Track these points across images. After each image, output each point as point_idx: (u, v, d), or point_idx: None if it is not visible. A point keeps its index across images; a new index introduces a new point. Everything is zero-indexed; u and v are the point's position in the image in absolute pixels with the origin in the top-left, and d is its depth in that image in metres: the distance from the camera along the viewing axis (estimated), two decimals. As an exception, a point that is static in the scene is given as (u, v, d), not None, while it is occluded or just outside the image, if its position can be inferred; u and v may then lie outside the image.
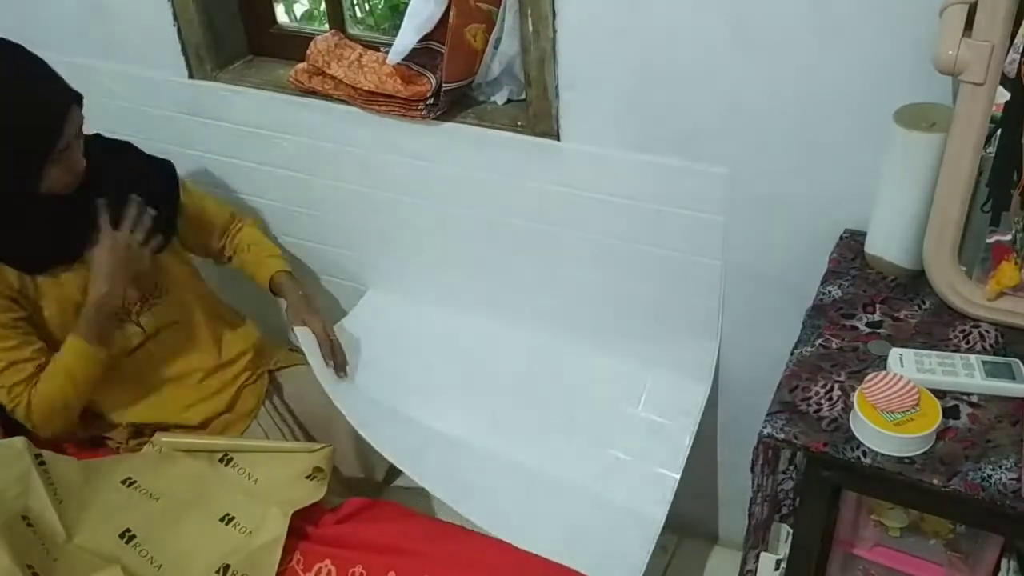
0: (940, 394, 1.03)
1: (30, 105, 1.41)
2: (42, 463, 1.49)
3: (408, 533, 1.56)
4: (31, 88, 1.43)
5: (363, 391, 1.81)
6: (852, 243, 1.32)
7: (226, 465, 1.60)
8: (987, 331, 1.14)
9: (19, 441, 1.48)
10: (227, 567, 1.46)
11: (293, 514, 1.52)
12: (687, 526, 1.91)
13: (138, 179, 1.63)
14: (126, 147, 1.71)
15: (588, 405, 1.83)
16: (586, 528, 1.62)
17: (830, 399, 1.06)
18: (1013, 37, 1.00)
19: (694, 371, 1.65)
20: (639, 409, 1.76)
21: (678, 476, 1.60)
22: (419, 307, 1.92)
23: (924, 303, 1.19)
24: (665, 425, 1.75)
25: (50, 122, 1.42)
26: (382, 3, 2.39)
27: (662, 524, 1.54)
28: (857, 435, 1.00)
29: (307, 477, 1.57)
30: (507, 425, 1.90)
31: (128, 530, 1.47)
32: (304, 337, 1.72)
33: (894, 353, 1.09)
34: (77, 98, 1.47)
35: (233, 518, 1.51)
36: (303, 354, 1.73)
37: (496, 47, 1.56)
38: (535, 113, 1.51)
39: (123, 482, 1.55)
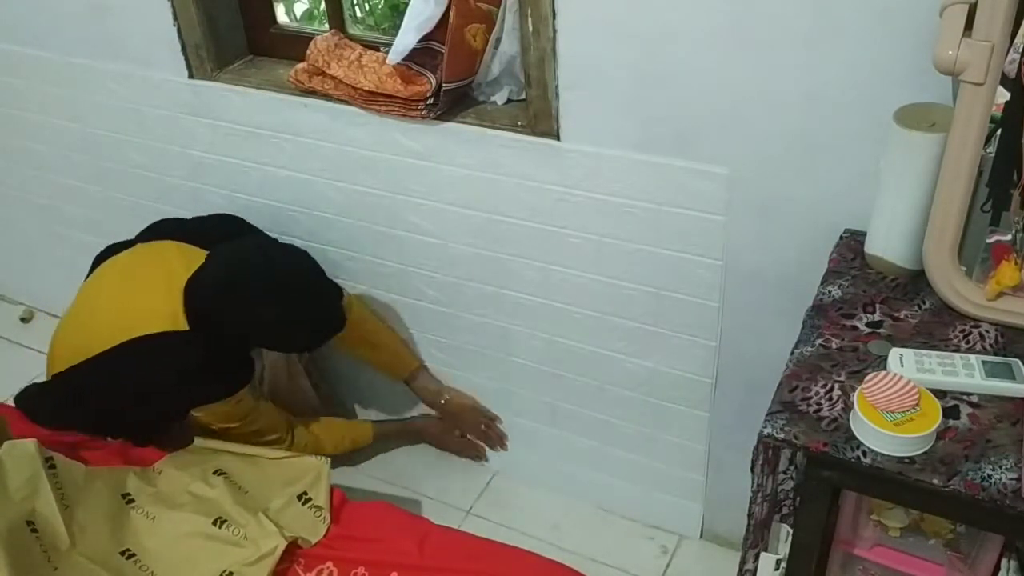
0: (940, 394, 1.03)
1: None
2: (52, 466, 1.51)
3: (407, 534, 1.57)
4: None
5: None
6: (852, 243, 1.32)
7: (217, 476, 1.63)
8: (987, 331, 1.14)
9: (31, 443, 1.50)
10: (230, 574, 1.48)
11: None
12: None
13: None
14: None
15: (587, 404, 1.83)
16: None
17: (830, 399, 1.06)
18: (1013, 37, 1.00)
19: (694, 371, 1.66)
20: (640, 408, 1.76)
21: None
22: (419, 306, 1.92)
23: (924, 303, 1.19)
24: (666, 424, 1.76)
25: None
26: (382, 3, 2.38)
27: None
28: (857, 435, 1.00)
29: (300, 499, 1.59)
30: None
31: (128, 549, 1.50)
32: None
33: (894, 353, 1.09)
34: None
35: (225, 521, 1.53)
36: None
37: (496, 47, 1.56)
38: (535, 113, 1.51)
39: (123, 496, 1.58)
